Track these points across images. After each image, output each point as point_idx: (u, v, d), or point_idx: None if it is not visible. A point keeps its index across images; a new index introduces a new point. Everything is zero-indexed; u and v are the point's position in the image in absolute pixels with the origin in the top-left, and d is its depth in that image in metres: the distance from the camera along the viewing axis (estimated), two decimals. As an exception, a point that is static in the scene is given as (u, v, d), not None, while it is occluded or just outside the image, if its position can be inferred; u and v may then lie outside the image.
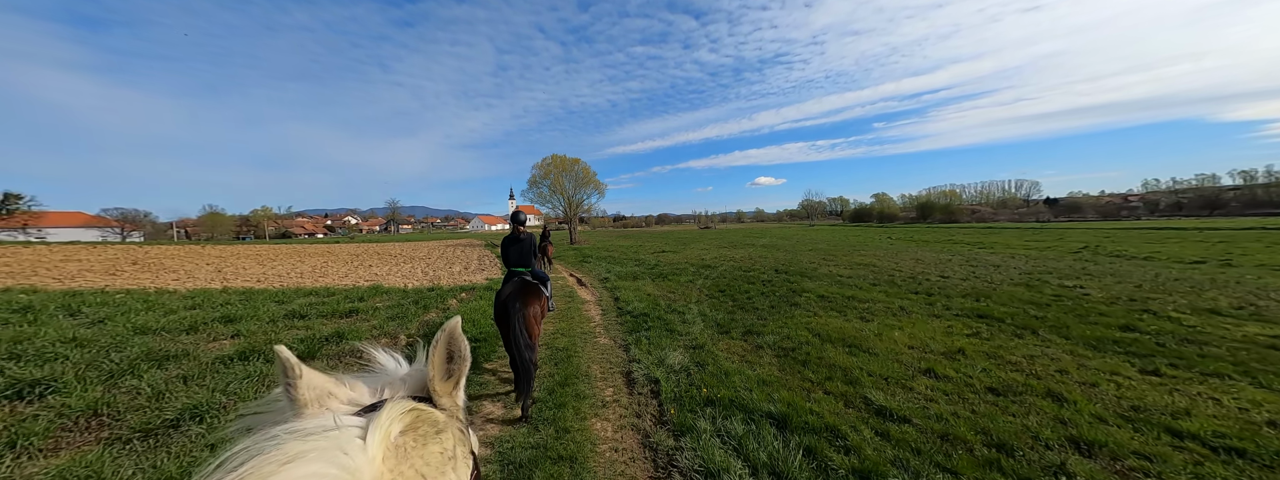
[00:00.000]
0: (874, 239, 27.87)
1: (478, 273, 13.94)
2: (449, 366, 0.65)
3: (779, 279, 11.17)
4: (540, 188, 31.30)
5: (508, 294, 3.79)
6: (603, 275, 13.12)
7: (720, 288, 10.02)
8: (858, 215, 79.38)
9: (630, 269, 14.54)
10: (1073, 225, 36.78)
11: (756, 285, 10.24)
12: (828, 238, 31.33)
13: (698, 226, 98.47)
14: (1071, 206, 62.40)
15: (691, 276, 12.19)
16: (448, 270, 14.80)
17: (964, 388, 3.98)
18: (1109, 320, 6.14)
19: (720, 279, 11.60)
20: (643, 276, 12.46)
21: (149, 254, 20.25)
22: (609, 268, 15.00)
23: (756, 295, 8.93)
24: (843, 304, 7.76)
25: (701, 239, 36.22)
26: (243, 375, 3.93)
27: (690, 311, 7.42)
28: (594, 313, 7.83)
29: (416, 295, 8.37)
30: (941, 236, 27.83)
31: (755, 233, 47.63)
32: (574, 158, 31.66)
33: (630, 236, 47.42)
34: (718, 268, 14.14)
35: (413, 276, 12.70)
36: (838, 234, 38.17)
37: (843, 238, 30.71)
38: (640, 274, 12.98)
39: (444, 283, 10.92)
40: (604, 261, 17.36)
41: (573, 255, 21.03)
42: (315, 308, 6.82)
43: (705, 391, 3.99)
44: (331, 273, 13.25)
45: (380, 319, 6.27)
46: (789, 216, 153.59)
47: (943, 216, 59.19)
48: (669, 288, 10.30)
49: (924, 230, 38.45)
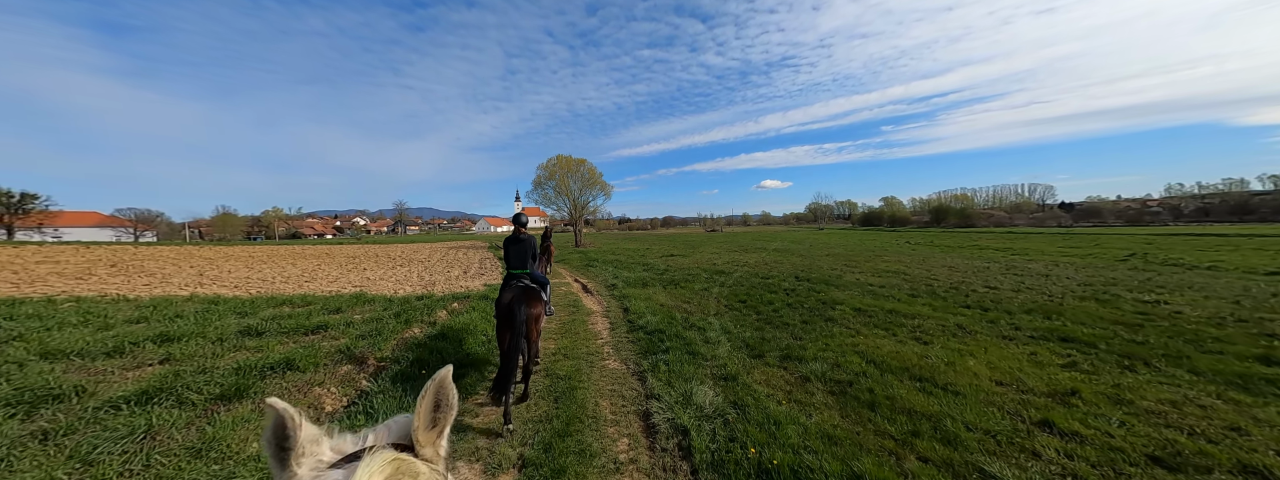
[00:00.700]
0: (891, 244, 26.63)
1: (476, 278, 13.00)
2: (435, 415, 0.65)
3: (803, 288, 10.10)
4: (545, 189, 30.42)
5: (509, 299, 3.80)
6: (609, 281, 12.12)
7: (740, 297, 8.97)
8: (867, 219, 77.68)
9: (639, 275, 13.52)
10: (1102, 231, 35.05)
11: (780, 295, 9.18)
12: (841, 242, 30.12)
13: (704, 229, 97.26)
14: (1090, 211, 60.43)
15: (706, 284, 11.16)
16: (445, 274, 13.89)
17: (1112, 454, 2.90)
18: (1234, 348, 5.01)
19: (738, 287, 10.55)
20: (653, 283, 11.45)
21: (137, 255, 19.58)
22: (616, 273, 14.00)
23: (783, 307, 7.88)
24: (885, 320, 6.68)
25: (710, 242, 35.14)
26: (124, 432, 2.87)
27: (711, 327, 6.39)
28: (601, 326, 6.82)
29: (401, 305, 7.39)
30: (963, 242, 26.51)
31: (764, 236, 46.43)
32: (580, 158, 30.79)
33: (636, 239, 46.38)
34: (733, 274, 13.09)
35: (407, 281, 11.78)
36: (851, 238, 36.91)
37: (858, 242, 29.48)
38: (650, 280, 11.97)
39: (437, 290, 9.97)
40: (610, 266, 16.36)
41: (577, 259, 20.06)
42: (280, 321, 5.87)
43: (753, 451, 2.96)
44: (320, 277, 12.37)
45: (350, 337, 5.29)
46: (795, 220, 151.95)
47: (958, 221, 57.25)
48: (683, 297, 9.27)
49: (942, 235, 36.98)
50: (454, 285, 10.88)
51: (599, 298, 9.72)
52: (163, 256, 19.04)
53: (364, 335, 5.34)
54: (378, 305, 7.37)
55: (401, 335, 5.58)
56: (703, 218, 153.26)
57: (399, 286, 10.46)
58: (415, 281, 11.84)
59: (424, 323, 6.36)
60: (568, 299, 9.52)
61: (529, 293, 3.92)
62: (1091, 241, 23.33)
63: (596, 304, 8.99)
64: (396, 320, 6.15)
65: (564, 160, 30.21)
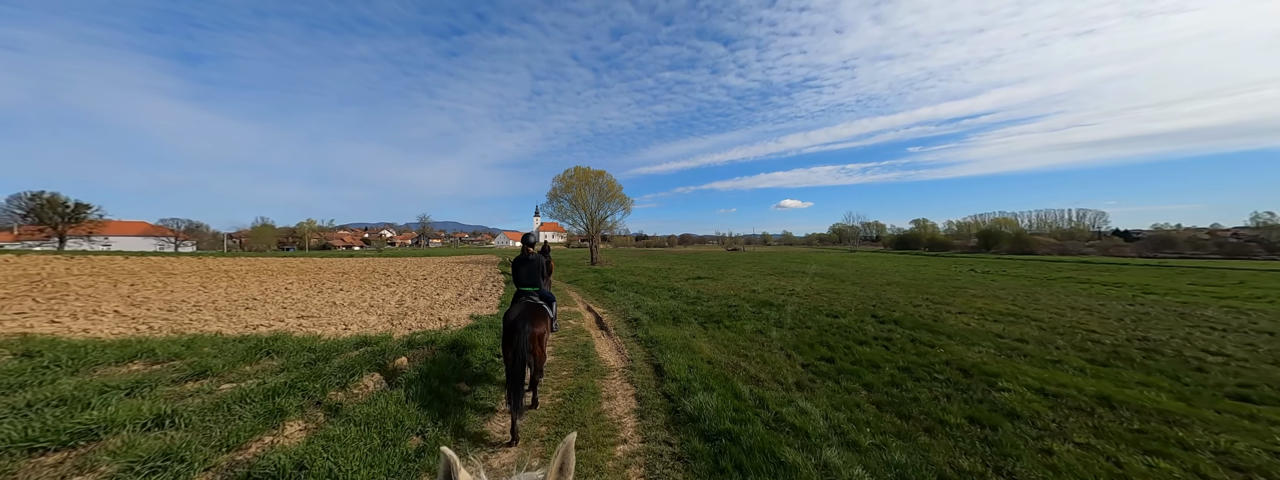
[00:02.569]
0: (951, 271, 23.17)
1: (466, 304, 10.65)
2: (560, 475, 0.80)
3: (900, 336, 7.30)
4: (560, 202, 28.44)
5: (516, 315, 3.84)
6: (630, 313, 9.58)
7: (820, 352, 6.28)
8: (902, 242, 72.15)
9: (665, 304, 10.93)
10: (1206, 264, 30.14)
11: (874, 348, 6.44)
12: (887, 267, 26.73)
13: (724, 248, 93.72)
14: (1161, 241, 54.29)
15: (756, 321, 8.47)
16: (433, 298, 11.62)
17: None
18: None
19: (801, 328, 7.84)
20: (686, 318, 8.84)
21: (87, 267, 18.20)
22: (638, 300, 11.45)
23: (901, 377, 5.14)
24: (1120, 428, 3.87)
25: (735, 262, 32.18)
26: None
27: (811, 422, 3.74)
28: (621, 406, 4.25)
29: (311, 366, 4.79)
30: (1044, 272, 22.78)
31: (793, 257, 43.01)
32: (598, 170, 28.80)
33: (655, 257, 43.77)
34: (784, 307, 10.33)
35: (380, 308, 9.51)
36: (894, 263, 33.28)
37: (909, 268, 26.05)
38: (681, 313, 9.36)
39: (407, 323, 7.64)
40: (630, 290, 13.83)
41: (592, 280, 17.58)
42: (47, 409, 3.52)
43: None
44: (276, 301, 10.20)
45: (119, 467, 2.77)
46: (819, 240, 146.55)
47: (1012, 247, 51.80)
48: (736, 346, 6.63)
49: (1008, 263, 32.54)
50: (433, 316, 8.52)
51: (618, 342, 7.16)
52: (120, 271, 17.52)
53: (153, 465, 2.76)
54: (280, 361, 4.94)
55: (251, 444, 3.05)
56: (721, 236, 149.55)
57: (363, 318, 8.15)
58: (391, 308, 9.56)
59: (343, 389, 3.94)
60: (576, 341, 7.00)
61: (535, 310, 4.03)
62: (1216, 277, 19.34)
63: (614, 353, 6.42)
64: (267, 405, 3.55)
65: (581, 171, 28.30)
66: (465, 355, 5.49)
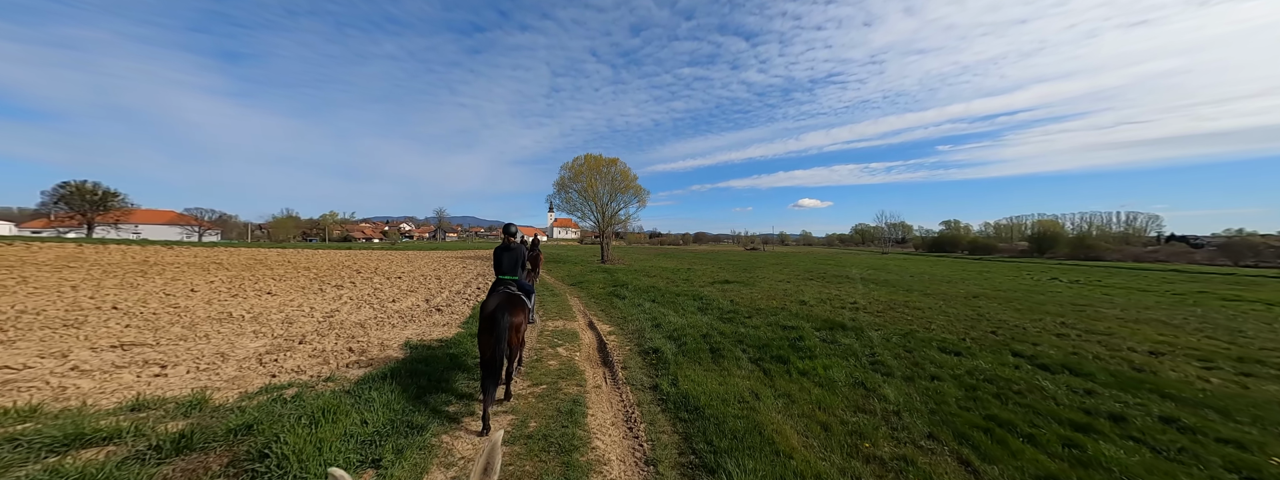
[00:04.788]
0: (1030, 280, 19.49)
1: (425, 316, 7.92)
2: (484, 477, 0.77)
3: (1131, 410, 4.15)
4: (568, 192, 25.56)
5: (495, 305, 3.84)
6: (646, 334, 6.70)
7: (990, 435, 3.19)
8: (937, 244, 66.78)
9: (694, 319, 7.99)
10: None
11: (1113, 443, 3.33)
12: (943, 273, 23.10)
13: (743, 248, 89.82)
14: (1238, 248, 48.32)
15: (840, 359, 5.44)
16: (390, 305, 8.95)
17: None
18: None
19: (919, 374, 4.87)
20: (728, 349, 5.87)
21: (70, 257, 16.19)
22: (656, 313, 8.53)
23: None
24: None
25: (759, 263, 28.89)
26: None
27: None
28: None
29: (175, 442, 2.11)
30: (1144, 283, 18.84)
31: (822, 259, 39.23)
32: (611, 158, 25.76)
33: (671, 256, 40.66)
34: (860, 329, 7.23)
35: (291, 323, 6.82)
36: (945, 268, 29.41)
37: (973, 275, 22.38)
38: (720, 338, 6.40)
39: (294, 358, 4.89)
40: (646, 296, 10.91)
41: (601, 282, 14.68)
42: None
43: None
44: (144, 311, 7.63)
45: None
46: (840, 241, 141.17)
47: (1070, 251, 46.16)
48: (837, 419, 3.64)
49: (1087, 270, 27.85)
50: (351, 340, 5.75)
51: (628, 401, 4.23)
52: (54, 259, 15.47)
53: None
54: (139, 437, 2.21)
55: None
56: (737, 235, 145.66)
57: (231, 346, 5.41)
58: (305, 325, 6.84)
59: None
60: (558, 396, 4.14)
61: (513, 300, 4.01)
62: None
63: (620, 434, 3.51)
64: None
65: (591, 159, 25.35)
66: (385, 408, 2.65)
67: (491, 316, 3.70)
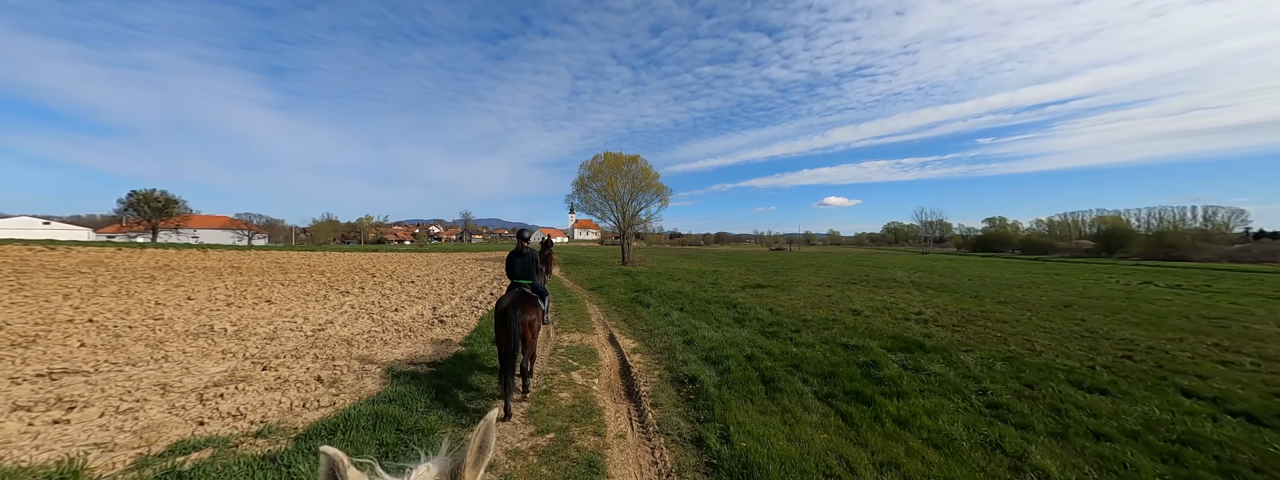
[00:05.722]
0: (1123, 284, 17.05)
1: (426, 330, 6.99)
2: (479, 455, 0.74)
3: None
4: (588, 191, 24.59)
5: (508, 303, 3.97)
6: (678, 355, 5.50)
7: None
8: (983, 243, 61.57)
9: (732, 334, 6.74)
10: None
11: None
12: (1007, 276, 20.74)
13: (767, 248, 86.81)
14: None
15: (942, 398, 4.04)
16: (392, 315, 8.13)
17: None
18: None
19: (1063, 425, 3.37)
20: (785, 378, 4.58)
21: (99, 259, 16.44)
22: (687, 324, 7.29)
23: None
24: None
25: (790, 264, 27.04)
26: None
27: None
28: None
29: None
30: (1261, 287, 16.05)
31: (856, 260, 36.59)
32: (631, 155, 24.65)
33: (693, 257, 39.12)
34: (945, 350, 5.76)
35: (273, 340, 6.00)
36: (1004, 269, 26.69)
37: (1031, 276, 20.01)
38: (770, 361, 5.13)
39: (245, 395, 3.99)
40: (672, 304, 9.70)
41: (622, 286, 13.55)
42: None
43: None
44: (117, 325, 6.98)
45: None
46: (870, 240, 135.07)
47: (1147, 250, 41.18)
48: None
49: (1188, 272, 24.41)
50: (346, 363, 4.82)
51: (656, 450, 3.04)
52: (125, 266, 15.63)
53: None
54: None
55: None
56: (759, 235, 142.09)
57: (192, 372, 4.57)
58: (290, 342, 6.00)
59: None
60: (570, 447, 2.98)
61: (526, 299, 4.14)
62: None
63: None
64: None
65: (611, 157, 24.28)
66: None
67: (505, 313, 3.86)
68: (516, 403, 3.97)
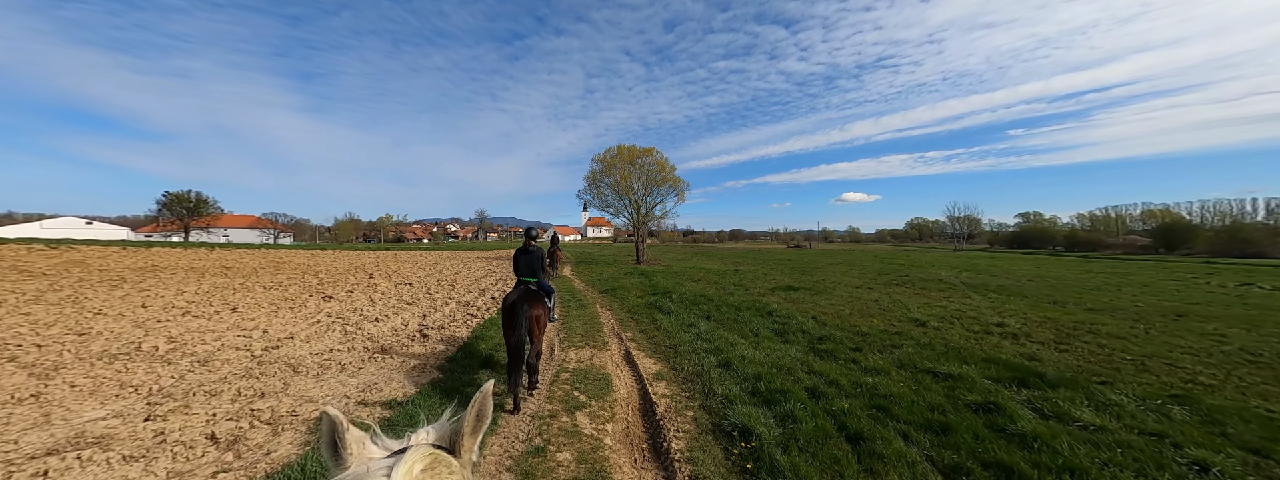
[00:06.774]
0: (1192, 284, 14.96)
1: (410, 343, 5.79)
2: (476, 423, 0.73)
3: None
4: (600, 186, 23.25)
5: (515, 298, 4.11)
6: (714, 387, 4.09)
7: None
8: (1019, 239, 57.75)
9: (778, 354, 5.31)
10: None
11: None
12: (1066, 275, 18.70)
13: (786, 245, 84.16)
14: None
15: (1107, 458, 2.51)
16: (374, 325, 6.93)
17: None
18: None
19: None
20: (876, 437, 3.12)
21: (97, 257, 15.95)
22: (720, 339, 5.87)
23: None
24: None
25: (815, 263, 25.24)
26: None
27: None
28: None
29: None
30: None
31: (886, 258, 34.18)
32: (646, 148, 23.20)
33: (709, 255, 37.45)
34: (1084, 387, 4.18)
35: (208, 362, 4.86)
36: (1057, 267, 24.41)
37: (1096, 276, 17.97)
38: (836, 395, 3.68)
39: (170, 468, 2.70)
40: (696, 311, 8.29)
41: (637, 288, 12.19)
42: None
43: None
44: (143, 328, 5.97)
45: None
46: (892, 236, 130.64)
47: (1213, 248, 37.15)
48: None
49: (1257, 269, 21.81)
50: (274, 403, 3.65)
51: None
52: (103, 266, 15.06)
53: None
54: None
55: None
56: (775, 232, 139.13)
57: (110, 416, 3.47)
58: (231, 363, 4.84)
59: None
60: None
61: (532, 295, 4.23)
62: None
63: None
64: None
65: (624, 150, 22.86)
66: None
67: (512, 307, 4.02)
68: (523, 400, 3.93)
